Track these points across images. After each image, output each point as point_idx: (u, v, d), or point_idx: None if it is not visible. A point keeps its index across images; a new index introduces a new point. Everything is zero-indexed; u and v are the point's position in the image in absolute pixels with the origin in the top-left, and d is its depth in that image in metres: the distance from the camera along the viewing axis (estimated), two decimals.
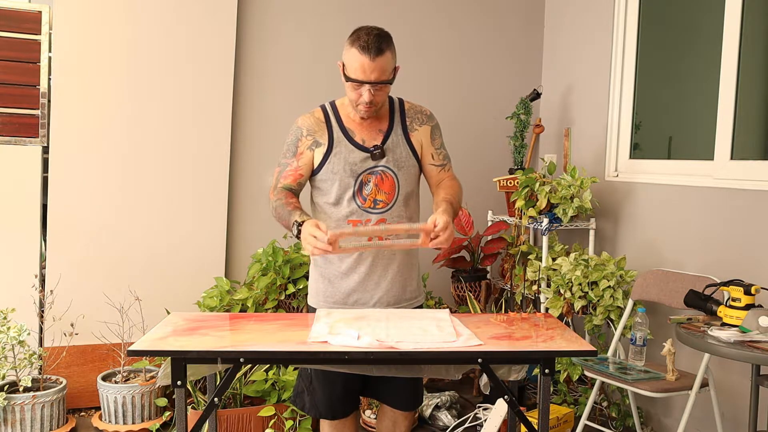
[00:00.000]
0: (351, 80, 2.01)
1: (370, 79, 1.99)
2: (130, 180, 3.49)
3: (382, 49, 1.98)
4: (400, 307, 2.21)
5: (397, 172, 2.13)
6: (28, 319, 3.24)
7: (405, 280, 2.23)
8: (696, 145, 3.38)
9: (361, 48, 1.97)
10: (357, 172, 2.11)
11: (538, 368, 1.84)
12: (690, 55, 3.48)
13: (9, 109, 3.29)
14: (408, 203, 2.19)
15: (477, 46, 4.20)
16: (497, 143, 4.11)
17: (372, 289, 2.18)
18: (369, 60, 1.96)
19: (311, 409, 2.24)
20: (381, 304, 2.19)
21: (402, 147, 2.15)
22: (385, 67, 2.00)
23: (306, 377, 2.25)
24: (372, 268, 2.17)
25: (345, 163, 2.10)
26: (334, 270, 2.20)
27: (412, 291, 2.26)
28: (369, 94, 2.01)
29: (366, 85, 2.00)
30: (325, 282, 2.22)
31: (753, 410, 2.43)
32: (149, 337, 1.87)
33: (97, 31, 3.38)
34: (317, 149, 2.13)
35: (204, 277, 3.57)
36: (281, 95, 3.81)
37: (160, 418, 3.24)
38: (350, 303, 2.20)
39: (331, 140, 2.11)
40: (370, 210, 2.13)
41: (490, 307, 3.84)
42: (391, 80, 2.06)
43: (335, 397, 2.21)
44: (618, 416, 3.34)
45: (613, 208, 3.66)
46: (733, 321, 2.31)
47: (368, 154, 2.11)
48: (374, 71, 1.98)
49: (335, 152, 2.11)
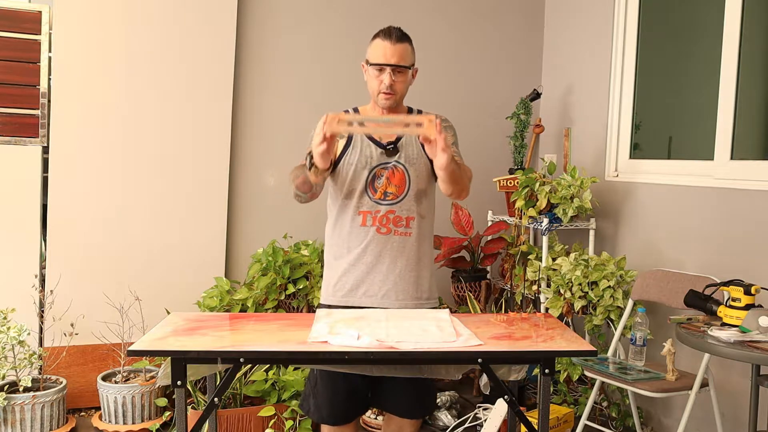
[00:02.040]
0: (373, 65, 2.17)
1: (391, 62, 2.14)
2: (130, 180, 3.49)
3: (402, 38, 2.16)
4: (410, 306, 2.22)
5: (408, 168, 2.22)
6: (28, 319, 3.24)
7: (417, 277, 2.24)
8: (696, 145, 3.38)
9: (384, 35, 2.16)
10: (372, 165, 2.20)
11: (538, 368, 1.84)
12: (690, 55, 3.48)
13: (9, 109, 3.29)
14: (420, 200, 2.24)
15: (477, 46, 4.20)
16: (497, 143, 4.11)
17: (380, 282, 2.20)
18: (390, 44, 2.14)
19: (314, 413, 2.24)
20: (389, 299, 2.20)
21: (414, 146, 2.23)
22: (404, 54, 2.16)
23: (312, 380, 2.25)
24: (379, 258, 2.20)
25: (361, 155, 2.20)
26: (343, 265, 2.23)
27: (423, 290, 2.27)
28: (389, 77, 2.14)
29: (387, 70, 2.14)
30: (334, 278, 2.26)
31: (753, 410, 2.43)
32: (149, 337, 1.87)
33: (96, 31, 3.38)
34: (340, 140, 2.22)
35: (204, 277, 3.57)
36: (281, 95, 3.81)
37: (160, 418, 3.24)
38: (359, 296, 2.22)
39: (351, 135, 2.22)
40: (380, 201, 2.20)
41: (490, 307, 3.84)
42: (409, 67, 2.19)
43: (338, 402, 2.21)
44: (618, 416, 3.34)
45: (613, 208, 3.66)
46: (733, 321, 2.31)
47: (383, 149, 2.21)
48: (395, 55, 2.14)
49: (353, 145, 2.22)
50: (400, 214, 2.20)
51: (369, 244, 2.20)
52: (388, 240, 2.20)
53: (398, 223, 2.20)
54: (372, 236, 2.19)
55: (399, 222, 2.21)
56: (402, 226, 2.20)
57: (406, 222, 2.21)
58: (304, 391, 2.31)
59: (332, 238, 2.28)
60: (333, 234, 2.28)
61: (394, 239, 2.20)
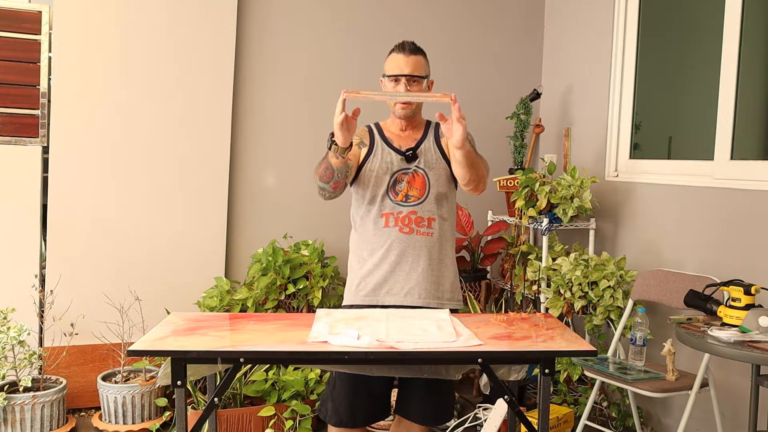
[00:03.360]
0: (389, 76, 2.26)
1: (405, 72, 2.23)
2: (130, 180, 3.48)
3: (416, 50, 2.27)
4: (433, 305, 2.24)
5: (427, 172, 2.29)
6: (28, 319, 3.24)
7: (438, 277, 2.27)
8: (696, 145, 3.38)
9: (398, 48, 2.27)
10: (393, 170, 2.28)
11: (538, 368, 1.84)
12: (690, 55, 3.48)
13: (9, 109, 3.29)
14: (441, 203, 2.30)
15: (477, 46, 4.20)
16: (497, 143, 4.11)
17: (403, 281, 2.24)
18: (404, 56, 2.24)
19: (332, 416, 2.23)
20: (413, 298, 2.24)
21: (433, 151, 2.32)
22: (418, 65, 2.25)
23: (331, 383, 2.26)
24: (402, 257, 2.24)
25: (382, 161, 2.28)
26: (367, 266, 2.27)
27: (445, 291, 2.29)
28: (405, 87, 2.23)
29: (402, 80, 2.23)
30: (357, 279, 2.29)
31: (753, 410, 2.43)
32: (149, 337, 1.87)
33: (97, 31, 3.38)
34: (363, 148, 2.31)
35: (204, 277, 3.57)
36: (281, 95, 3.81)
37: (160, 418, 3.24)
38: (382, 294, 2.25)
39: (372, 143, 2.32)
40: (402, 203, 2.26)
41: (490, 307, 3.84)
42: (424, 76, 2.28)
43: (356, 404, 2.21)
44: (618, 416, 3.34)
45: (613, 208, 3.66)
46: (733, 321, 2.31)
47: (403, 156, 2.29)
48: (408, 65, 2.23)
49: (375, 152, 2.30)
50: (421, 215, 2.26)
51: (392, 244, 2.25)
52: (411, 239, 2.25)
53: (420, 224, 2.25)
54: (395, 236, 2.24)
55: (421, 222, 2.26)
56: (424, 226, 2.26)
57: (428, 223, 2.26)
58: (322, 395, 2.32)
59: (356, 244, 2.34)
60: (357, 239, 2.34)
61: (417, 239, 2.25)
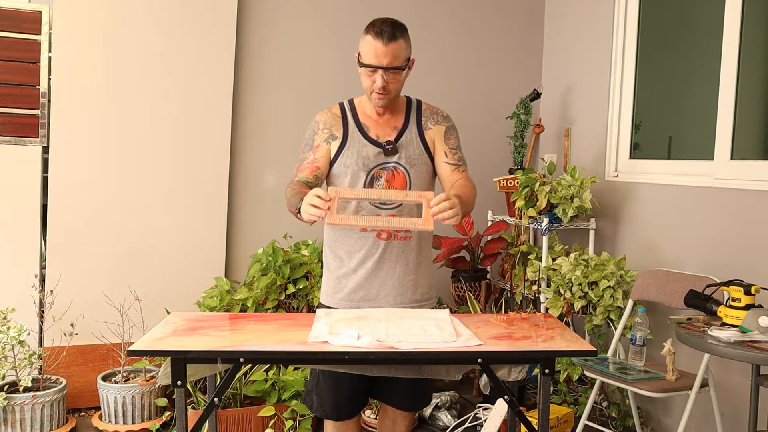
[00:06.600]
0: (364, 66, 2.07)
1: (383, 64, 2.04)
2: (130, 180, 3.48)
3: (395, 36, 2.04)
4: (408, 308, 2.20)
5: (409, 170, 2.16)
6: (28, 319, 3.24)
7: (415, 280, 2.22)
8: (696, 145, 3.38)
9: (375, 34, 2.03)
10: (369, 166, 2.14)
11: (538, 368, 1.84)
12: (690, 55, 3.48)
13: (9, 109, 3.29)
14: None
15: (477, 46, 4.20)
16: (497, 143, 4.11)
17: (378, 286, 2.18)
18: (382, 45, 2.02)
19: (318, 409, 2.24)
20: (387, 302, 2.18)
21: (415, 145, 2.18)
22: (398, 53, 2.05)
23: (314, 377, 2.25)
24: (379, 263, 2.16)
25: (358, 156, 2.14)
26: (343, 268, 2.21)
27: (422, 293, 2.25)
28: (382, 79, 2.06)
29: (379, 71, 2.05)
30: (334, 280, 2.24)
31: (753, 410, 2.43)
32: (149, 337, 1.87)
33: (97, 31, 3.38)
34: (333, 142, 2.16)
35: (204, 277, 3.57)
36: (281, 94, 3.81)
37: (160, 418, 3.24)
38: (356, 300, 2.19)
39: (345, 134, 2.15)
40: (380, 206, 2.14)
41: (490, 307, 3.84)
42: (404, 67, 2.09)
43: (341, 398, 2.21)
44: (618, 416, 3.34)
45: (613, 208, 3.66)
46: (733, 321, 2.31)
47: (381, 149, 2.14)
48: (387, 56, 2.03)
49: (349, 145, 2.15)
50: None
51: (370, 250, 2.17)
52: (388, 245, 2.16)
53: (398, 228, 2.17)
54: (372, 242, 2.16)
55: None
56: (402, 231, 2.16)
57: None
58: (306, 386, 2.31)
59: (333, 239, 2.25)
60: (333, 234, 2.25)
61: (394, 244, 2.17)
